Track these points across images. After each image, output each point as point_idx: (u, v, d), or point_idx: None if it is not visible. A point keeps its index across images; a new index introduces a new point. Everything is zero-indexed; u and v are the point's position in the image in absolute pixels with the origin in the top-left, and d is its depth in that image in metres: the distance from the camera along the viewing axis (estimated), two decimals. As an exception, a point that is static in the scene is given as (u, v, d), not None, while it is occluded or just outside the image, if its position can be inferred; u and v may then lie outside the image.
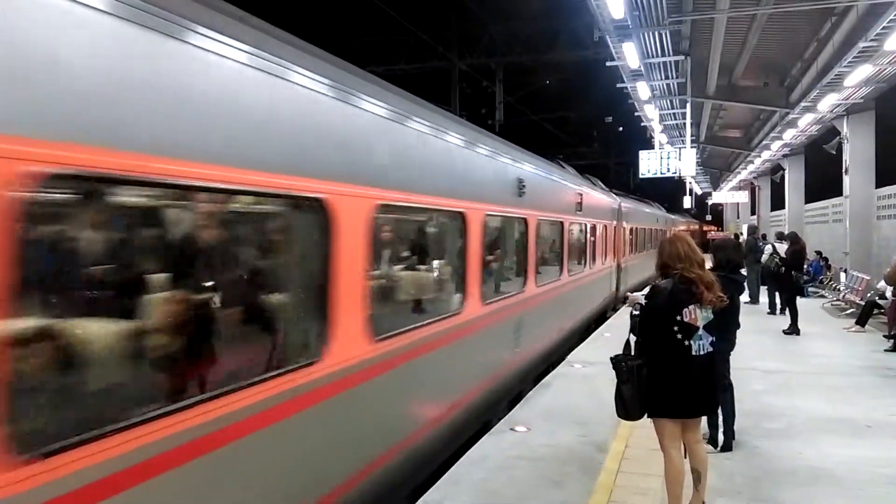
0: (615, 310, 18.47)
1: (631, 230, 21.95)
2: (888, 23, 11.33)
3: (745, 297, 11.27)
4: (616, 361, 4.82)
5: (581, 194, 13.61)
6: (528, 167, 9.67)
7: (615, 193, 20.81)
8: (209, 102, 3.29)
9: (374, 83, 5.35)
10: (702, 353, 4.63)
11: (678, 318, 4.60)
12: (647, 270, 25.41)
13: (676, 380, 4.63)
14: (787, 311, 14.01)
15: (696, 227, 63.00)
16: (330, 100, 4.41)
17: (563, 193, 12.28)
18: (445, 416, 6.50)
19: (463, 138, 7.05)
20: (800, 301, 14.02)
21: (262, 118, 3.68)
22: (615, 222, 18.51)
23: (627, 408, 4.81)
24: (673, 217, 43.29)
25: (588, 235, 14.37)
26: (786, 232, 17.65)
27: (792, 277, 14.01)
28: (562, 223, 11.77)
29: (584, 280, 14.21)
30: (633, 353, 4.87)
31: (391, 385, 5.29)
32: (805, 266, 16.28)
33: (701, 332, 4.63)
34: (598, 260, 15.61)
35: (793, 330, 13.51)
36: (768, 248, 16.42)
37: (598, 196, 16.22)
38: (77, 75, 2.57)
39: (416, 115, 5.86)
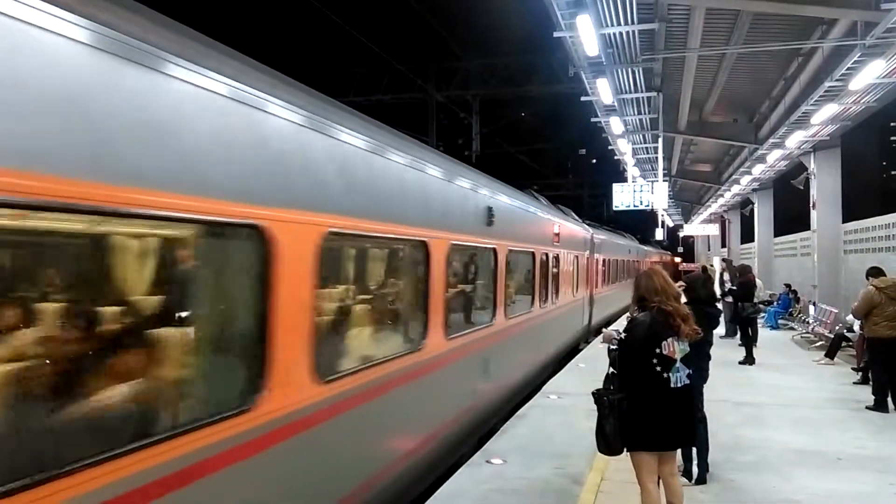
0: None
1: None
2: (853, 63, 11.74)
3: (721, 331, 11.40)
4: (598, 396, 4.84)
5: None
6: None
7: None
8: None
9: None
10: (679, 385, 4.67)
11: (657, 350, 4.65)
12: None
13: (656, 412, 4.66)
14: (743, 342, 14.28)
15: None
16: None
17: None
18: None
19: None
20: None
21: None
22: None
23: (609, 442, 4.81)
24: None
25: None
26: (756, 265, 17.95)
27: (738, 308, 14.24)
28: None
29: None
30: (612, 387, 4.89)
31: None
32: (756, 294, 16.16)
33: (679, 364, 4.68)
34: None
35: (745, 360, 13.78)
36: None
37: None
38: None
39: None
